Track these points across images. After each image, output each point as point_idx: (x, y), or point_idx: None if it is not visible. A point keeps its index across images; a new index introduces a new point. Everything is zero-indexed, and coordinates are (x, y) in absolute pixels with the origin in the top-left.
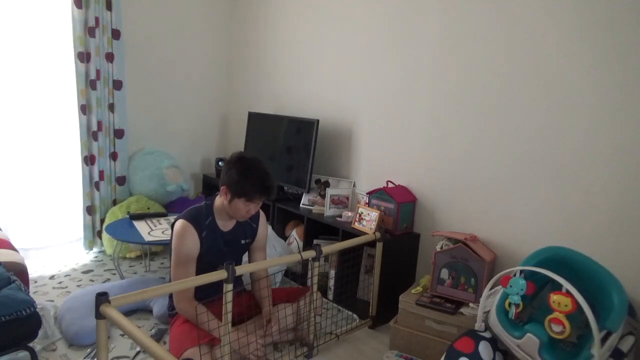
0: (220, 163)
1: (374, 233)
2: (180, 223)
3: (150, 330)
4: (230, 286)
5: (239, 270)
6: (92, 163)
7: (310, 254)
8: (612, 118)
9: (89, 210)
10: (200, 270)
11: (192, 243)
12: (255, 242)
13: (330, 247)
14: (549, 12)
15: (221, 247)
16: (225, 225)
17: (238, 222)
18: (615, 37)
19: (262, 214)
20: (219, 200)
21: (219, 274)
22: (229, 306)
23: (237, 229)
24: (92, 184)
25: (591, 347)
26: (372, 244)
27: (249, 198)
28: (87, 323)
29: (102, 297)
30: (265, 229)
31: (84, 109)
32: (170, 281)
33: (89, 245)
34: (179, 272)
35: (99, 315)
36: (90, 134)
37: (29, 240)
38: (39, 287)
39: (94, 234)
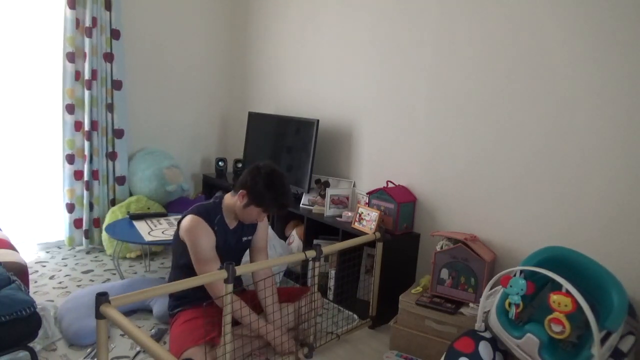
0: (220, 163)
1: (374, 233)
2: (191, 218)
3: (150, 330)
4: (230, 286)
5: (240, 270)
6: (87, 161)
7: (310, 254)
8: (612, 120)
9: (70, 207)
10: None
11: (209, 234)
12: (256, 242)
13: (330, 247)
14: (554, 15)
15: (230, 244)
16: (231, 223)
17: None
18: (620, 46)
19: None
20: (230, 200)
21: (219, 274)
22: (228, 308)
23: (241, 226)
24: (83, 182)
25: (591, 347)
26: (372, 244)
27: (266, 209)
28: (87, 323)
29: (102, 297)
30: (265, 227)
31: (70, 108)
32: (169, 282)
33: (69, 243)
34: (206, 267)
35: (99, 315)
36: (84, 133)
37: (20, 235)
38: (39, 287)
39: (85, 232)
